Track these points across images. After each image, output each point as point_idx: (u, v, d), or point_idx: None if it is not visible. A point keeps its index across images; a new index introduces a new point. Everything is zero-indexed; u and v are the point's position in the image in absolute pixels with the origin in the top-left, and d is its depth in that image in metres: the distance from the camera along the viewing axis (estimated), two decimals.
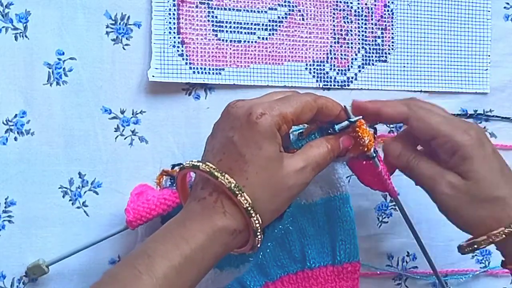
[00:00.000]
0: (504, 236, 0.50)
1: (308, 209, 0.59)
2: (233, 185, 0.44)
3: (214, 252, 0.44)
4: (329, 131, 0.52)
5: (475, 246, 0.52)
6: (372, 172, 0.55)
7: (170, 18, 0.61)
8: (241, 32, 0.63)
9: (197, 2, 0.61)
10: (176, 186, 0.50)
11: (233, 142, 0.45)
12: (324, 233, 0.60)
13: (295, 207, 0.58)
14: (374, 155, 0.53)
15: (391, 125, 0.67)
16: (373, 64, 0.67)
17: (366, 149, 0.53)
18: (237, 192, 0.44)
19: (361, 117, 0.52)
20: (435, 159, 0.53)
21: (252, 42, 0.63)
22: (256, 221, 0.45)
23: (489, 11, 0.70)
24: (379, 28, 0.67)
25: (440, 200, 0.52)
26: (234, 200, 0.44)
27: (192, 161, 0.46)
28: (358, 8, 0.66)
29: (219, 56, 0.62)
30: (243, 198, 0.44)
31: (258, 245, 0.47)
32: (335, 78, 0.66)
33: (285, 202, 0.48)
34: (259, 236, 0.46)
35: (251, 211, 0.44)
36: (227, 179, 0.44)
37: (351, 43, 0.66)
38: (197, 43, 0.61)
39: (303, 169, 0.47)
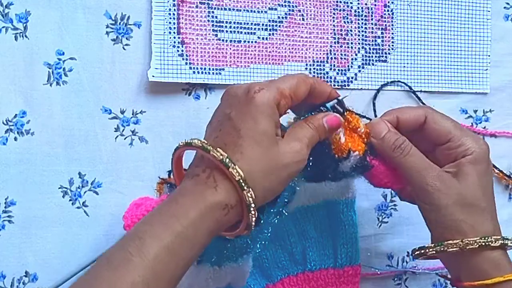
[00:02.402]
0: (477, 246, 0.50)
1: (310, 211, 0.59)
2: (225, 157, 0.44)
3: (206, 228, 0.43)
4: (320, 109, 0.52)
5: (444, 248, 0.51)
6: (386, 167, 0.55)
7: (170, 18, 0.61)
8: (241, 32, 0.63)
9: (197, 2, 0.61)
10: (171, 167, 0.49)
11: (229, 118, 0.46)
12: (326, 236, 0.60)
13: (298, 209, 0.58)
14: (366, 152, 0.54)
15: None
16: (373, 64, 0.67)
17: (364, 136, 0.53)
18: (229, 165, 0.43)
19: (346, 95, 0.53)
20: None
21: (252, 42, 0.63)
22: (249, 195, 0.44)
23: (489, 11, 0.70)
24: (379, 28, 0.67)
25: (426, 192, 0.52)
26: (226, 173, 0.44)
27: (185, 140, 0.46)
28: (358, 8, 0.66)
29: (219, 56, 0.62)
30: (235, 170, 0.43)
31: (253, 224, 0.45)
32: (335, 78, 0.66)
33: (280, 181, 0.47)
34: (253, 213, 0.45)
35: (243, 184, 0.44)
36: (218, 151, 0.44)
37: (351, 43, 0.66)
38: (197, 43, 0.61)
39: (297, 146, 0.47)
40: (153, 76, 0.60)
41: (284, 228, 0.59)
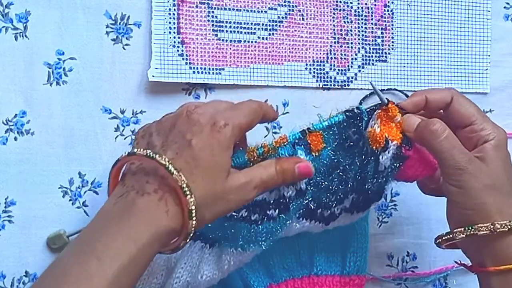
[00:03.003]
0: (507, 229, 0.51)
1: None
2: (185, 184, 0.44)
3: (154, 251, 0.44)
4: (355, 111, 0.53)
5: (474, 231, 0.52)
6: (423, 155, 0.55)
7: (170, 18, 0.61)
8: (241, 32, 0.63)
9: (197, 2, 0.61)
10: (110, 171, 0.48)
11: (190, 145, 0.45)
12: (336, 243, 0.60)
13: None
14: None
15: None
16: (373, 64, 0.67)
17: (400, 126, 0.54)
18: (188, 192, 0.44)
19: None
20: None
21: (252, 42, 0.63)
22: (193, 224, 0.45)
23: (489, 11, 0.70)
24: (379, 28, 0.67)
25: (458, 174, 0.52)
26: (180, 199, 0.44)
27: (146, 149, 0.46)
28: (358, 8, 0.66)
29: (219, 56, 0.62)
30: (192, 199, 0.44)
31: (181, 248, 0.47)
32: (335, 78, 0.66)
33: (219, 214, 0.48)
34: (188, 240, 0.46)
35: (193, 215, 0.44)
36: (180, 176, 0.44)
37: (351, 43, 0.66)
38: (197, 43, 0.61)
39: (245, 186, 0.48)
40: (153, 76, 0.60)
41: (278, 227, 0.59)
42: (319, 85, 0.65)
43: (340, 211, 0.55)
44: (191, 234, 0.45)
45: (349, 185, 0.53)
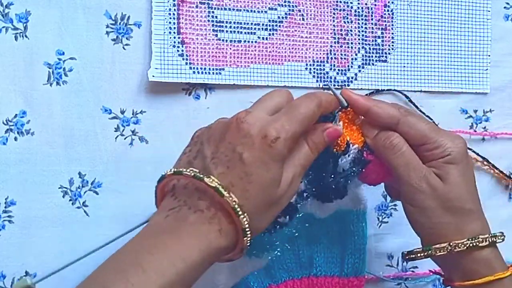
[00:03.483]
0: (465, 247, 0.50)
1: (324, 220, 0.59)
2: (236, 204, 0.43)
3: (204, 269, 0.44)
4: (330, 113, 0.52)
5: (431, 252, 0.51)
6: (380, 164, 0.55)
7: (170, 18, 0.61)
8: (241, 32, 0.63)
9: (197, 2, 0.61)
10: (157, 185, 0.47)
11: (241, 159, 0.44)
12: (335, 244, 0.60)
13: (309, 215, 0.58)
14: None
15: None
16: (373, 64, 0.67)
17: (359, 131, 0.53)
18: (240, 213, 0.43)
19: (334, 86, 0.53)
20: None
21: (252, 42, 0.63)
22: (248, 240, 0.44)
23: (489, 11, 0.70)
24: (379, 28, 0.67)
25: (411, 192, 0.51)
26: (233, 218, 0.43)
27: (193, 169, 0.44)
28: (358, 8, 0.66)
29: (219, 56, 0.62)
30: (244, 219, 0.43)
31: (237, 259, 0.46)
32: (335, 78, 0.66)
33: (273, 217, 0.47)
34: (244, 252, 0.45)
35: (248, 231, 0.44)
36: (231, 198, 0.43)
37: (351, 43, 0.66)
38: (197, 43, 0.61)
39: (293, 181, 0.47)
40: (153, 76, 0.60)
41: (293, 230, 0.59)
42: (319, 85, 0.65)
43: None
44: (247, 248, 0.45)
45: (310, 177, 0.53)
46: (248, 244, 0.45)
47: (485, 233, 0.51)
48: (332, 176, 0.53)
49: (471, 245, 0.50)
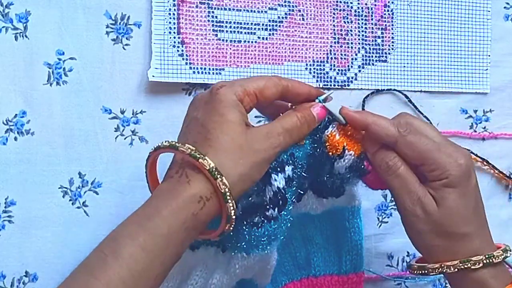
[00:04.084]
0: (456, 270, 0.50)
1: (316, 217, 0.59)
2: (193, 151, 0.44)
3: (181, 224, 0.43)
4: (315, 137, 0.51)
5: (425, 271, 0.52)
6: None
7: (170, 18, 0.61)
8: (241, 32, 0.63)
9: (197, 2, 0.61)
10: (146, 174, 0.49)
11: (196, 119, 0.46)
12: (331, 242, 0.60)
13: (302, 215, 0.58)
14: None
15: None
16: (373, 64, 0.67)
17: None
18: (197, 156, 0.43)
19: (331, 92, 0.52)
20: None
21: (252, 42, 0.63)
22: (222, 183, 0.43)
23: (489, 11, 0.70)
24: (379, 28, 0.67)
25: (404, 216, 0.52)
26: (197, 165, 0.44)
27: (167, 141, 0.46)
28: (358, 8, 0.66)
29: (219, 56, 0.62)
30: (205, 161, 0.43)
31: (233, 215, 0.45)
32: (335, 78, 0.66)
33: (254, 166, 0.46)
34: (230, 203, 0.44)
35: (216, 173, 0.43)
36: (187, 147, 0.44)
37: (351, 43, 0.66)
38: (197, 43, 0.61)
39: (269, 133, 0.47)
40: (153, 76, 0.60)
41: (288, 232, 0.59)
42: (319, 85, 0.65)
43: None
44: (229, 195, 0.44)
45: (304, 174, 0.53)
46: (227, 190, 0.43)
47: (481, 253, 0.50)
48: (328, 175, 0.53)
49: (462, 267, 0.50)
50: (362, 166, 0.53)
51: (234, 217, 0.45)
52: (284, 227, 0.53)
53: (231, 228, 0.46)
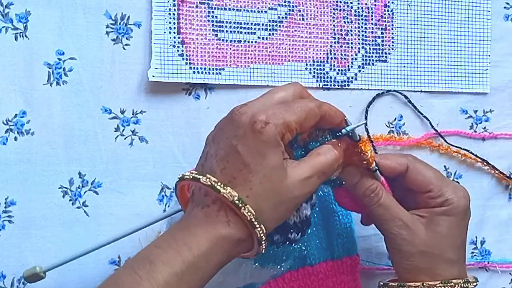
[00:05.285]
0: None
1: None
2: (235, 198, 0.43)
3: (217, 259, 0.44)
4: (337, 134, 0.50)
5: None
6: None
7: (170, 18, 0.61)
8: (241, 32, 0.63)
9: (197, 2, 0.61)
10: (176, 194, 0.49)
11: (237, 151, 0.44)
12: (320, 228, 0.60)
13: None
14: (376, 168, 0.53)
15: (391, 126, 0.67)
16: (373, 64, 0.67)
17: (368, 163, 0.52)
18: (240, 206, 0.43)
19: (363, 122, 0.53)
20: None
21: (252, 42, 0.63)
22: (260, 231, 0.44)
23: (489, 11, 0.70)
24: (379, 28, 0.67)
25: (391, 239, 0.53)
26: (238, 213, 0.44)
27: (192, 172, 0.45)
28: (358, 8, 0.66)
29: (219, 56, 0.62)
30: (246, 210, 0.43)
31: (263, 251, 0.46)
32: (335, 78, 0.66)
33: (289, 210, 0.47)
34: (263, 244, 0.45)
35: (255, 222, 0.44)
36: (229, 192, 0.43)
37: (351, 43, 0.66)
38: (197, 43, 0.61)
39: (309, 179, 0.46)
40: (153, 76, 0.60)
41: (302, 247, 0.59)
42: (319, 85, 0.65)
43: None
44: (263, 239, 0.45)
45: None
46: (262, 235, 0.44)
47: (459, 278, 0.53)
48: None
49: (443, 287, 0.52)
50: (338, 180, 0.55)
51: (263, 252, 0.46)
52: (299, 251, 0.53)
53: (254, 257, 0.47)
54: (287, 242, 0.51)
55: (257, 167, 0.44)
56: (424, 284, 0.52)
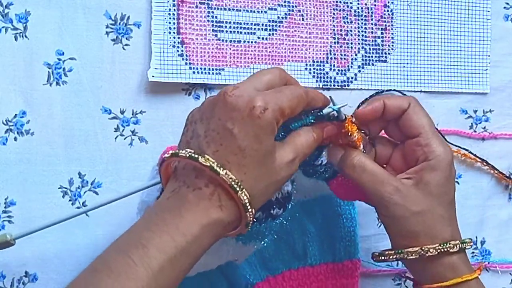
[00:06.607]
0: (436, 252, 0.51)
1: (308, 205, 0.59)
2: (233, 181, 0.44)
3: (207, 243, 0.44)
4: (318, 114, 0.51)
5: (403, 255, 0.52)
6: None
7: (170, 18, 0.61)
8: (241, 32, 0.63)
9: (197, 2, 0.61)
10: (159, 168, 0.48)
11: (232, 134, 0.44)
12: (323, 230, 0.60)
13: (297, 205, 0.58)
14: (364, 151, 0.53)
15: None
16: (373, 64, 0.67)
17: (355, 144, 0.53)
18: (237, 189, 0.44)
19: (345, 104, 0.52)
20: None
21: (252, 42, 0.63)
22: (251, 214, 0.45)
23: (489, 11, 0.70)
24: (379, 28, 0.67)
25: (383, 205, 0.52)
26: (232, 195, 0.44)
27: (187, 150, 0.45)
28: (358, 8, 0.66)
29: (219, 56, 0.62)
30: (243, 194, 0.44)
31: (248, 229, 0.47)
32: (335, 78, 0.66)
33: (275, 191, 0.49)
34: (250, 226, 0.46)
35: (248, 206, 0.44)
36: (227, 174, 0.43)
37: (351, 43, 0.66)
38: (197, 43, 0.61)
39: (293, 160, 0.47)
40: (153, 76, 0.60)
41: (286, 223, 0.59)
42: (319, 85, 0.65)
43: None
44: (251, 222, 0.46)
45: None
46: (251, 218, 0.45)
47: (455, 239, 0.52)
48: (313, 163, 0.54)
49: (442, 250, 0.51)
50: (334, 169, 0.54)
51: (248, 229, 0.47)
52: (283, 220, 0.53)
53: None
54: (270, 218, 0.51)
55: (253, 152, 0.44)
56: (423, 248, 0.51)
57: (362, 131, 0.54)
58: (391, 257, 0.53)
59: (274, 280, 0.59)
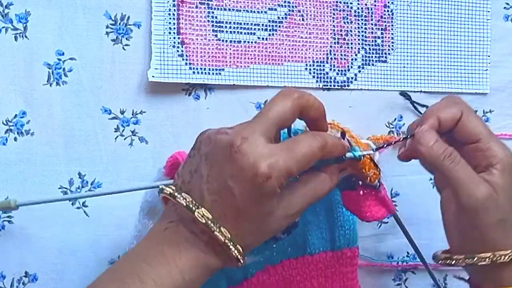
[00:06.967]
0: (509, 259, 0.49)
1: None
2: (227, 239, 0.43)
3: (203, 280, 0.45)
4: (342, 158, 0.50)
5: (474, 260, 0.50)
6: (367, 199, 0.55)
7: (170, 18, 0.61)
8: (241, 33, 0.63)
9: (197, 2, 0.61)
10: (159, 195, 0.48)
11: (232, 193, 0.43)
12: (322, 219, 0.60)
13: None
14: (379, 184, 0.53)
15: (391, 126, 0.68)
16: (373, 64, 0.67)
17: (369, 180, 0.53)
18: (230, 247, 0.43)
19: (369, 152, 0.51)
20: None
21: (252, 42, 0.63)
22: (242, 263, 0.45)
23: (489, 11, 0.70)
24: (379, 28, 0.67)
25: (474, 208, 0.49)
26: (225, 249, 0.44)
27: (187, 197, 0.44)
28: (358, 8, 0.66)
29: (219, 57, 0.62)
30: (236, 251, 0.44)
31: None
32: (335, 78, 0.66)
33: (269, 237, 0.48)
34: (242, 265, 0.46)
35: (240, 258, 0.44)
36: (221, 232, 0.43)
37: (351, 43, 0.66)
38: (197, 43, 0.61)
39: (298, 212, 0.47)
40: (153, 76, 0.60)
41: (285, 243, 0.59)
42: (319, 85, 0.65)
43: None
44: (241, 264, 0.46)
45: None
46: (243, 263, 0.45)
47: None
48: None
49: None
50: (352, 182, 0.54)
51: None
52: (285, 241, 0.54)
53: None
54: (272, 241, 0.51)
55: (250, 213, 0.44)
56: (495, 254, 0.49)
57: (378, 169, 0.53)
58: (460, 261, 0.51)
59: (274, 269, 0.59)
